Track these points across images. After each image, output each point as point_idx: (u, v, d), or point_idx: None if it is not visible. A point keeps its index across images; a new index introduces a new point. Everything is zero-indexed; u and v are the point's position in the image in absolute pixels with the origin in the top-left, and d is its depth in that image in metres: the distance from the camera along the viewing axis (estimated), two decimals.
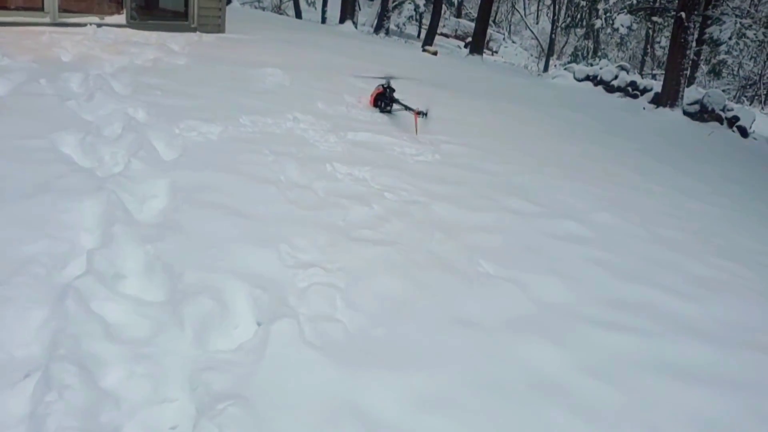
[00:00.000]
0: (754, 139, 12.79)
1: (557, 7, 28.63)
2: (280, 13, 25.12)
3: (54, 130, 3.80)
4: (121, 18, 8.53)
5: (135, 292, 2.51)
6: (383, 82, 6.64)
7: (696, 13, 12.92)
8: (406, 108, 6.31)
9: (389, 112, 6.53)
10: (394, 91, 6.57)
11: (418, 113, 6.10)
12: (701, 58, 20.54)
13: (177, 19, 9.38)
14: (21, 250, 2.54)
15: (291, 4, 26.05)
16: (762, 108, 25.25)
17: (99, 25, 7.90)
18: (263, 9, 25.18)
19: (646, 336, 3.00)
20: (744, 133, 12.67)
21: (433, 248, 3.53)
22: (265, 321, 2.48)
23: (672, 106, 12.70)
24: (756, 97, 28.65)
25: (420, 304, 2.91)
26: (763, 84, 28.54)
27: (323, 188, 4.07)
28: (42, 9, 7.59)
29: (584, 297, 3.31)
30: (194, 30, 9.17)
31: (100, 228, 2.85)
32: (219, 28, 9.58)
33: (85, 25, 7.75)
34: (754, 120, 13.14)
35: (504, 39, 35.61)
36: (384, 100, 6.56)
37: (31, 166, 3.31)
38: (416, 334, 2.65)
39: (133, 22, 8.53)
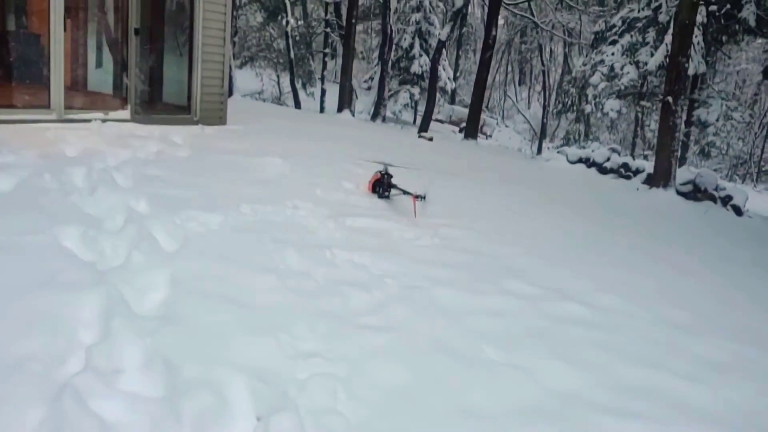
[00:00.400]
0: (749, 217, 12.91)
1: (547, 93, 29.65)
2: (280, 104, 25.91)
3: (56, 224, 3.83)
4: (125, 113, 8.77)
5: (133, 387, 2.45)
6: (381, 168, 6.77)
7: (683, 96, 13.35)
8: (405, 192, 6.40)
9: (387, 197, 6.62)
10: (392, 176, 6.69)
11: (417, 197, 6.18)
12: (691, 138, 21.05)
13: (180, 112, 9.66)
14: (19, 347, 2.50)
15: (290, 95, 26.92)
16: (754, 186, 25.63)
17: (104, 120, 8.11)
18: (264, 100, 26.02)
19: (657, 423, 2.91)
20: (738, 211, 12.81)
21: (436, 334, 3.49)
22: (264, 415, 2.41)
23: (665, 186, 12.90)
24: (748, 175, 29.15)
25: (424, 393, 2.84)
26: (754, 162, 29.11)
27: (323, 275, 4.06)
28: (48, 106, 7.82)
29: (592, 383, 3.24)
30: (197, 123, 9.42)
31: (99, 322, 2.82)
32: (221, 120, 9.85)
33: (90, 120, 7.96)
34: (747, 198, 13.32)
35: (497, 123, 36.62)
36: (382, 185, 6.66)
37: (32, 261, 3.31)
38: (421, 425, 2.58)
39: (137, 117, 8.76)
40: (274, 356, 2.88)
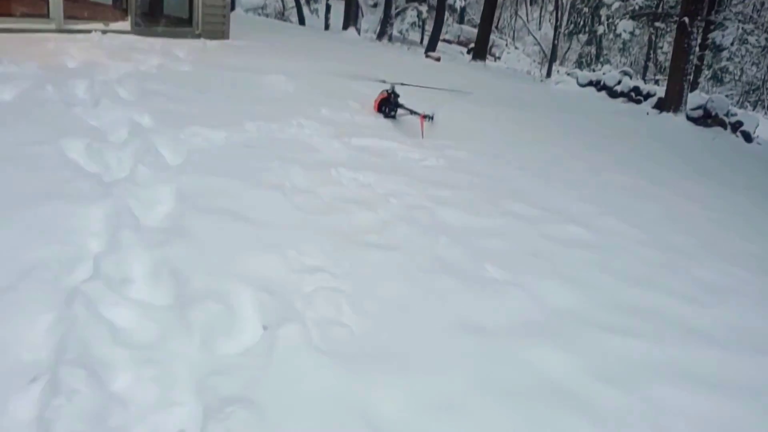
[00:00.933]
0: (758, 144, 12.78)
1: (560, 13, 28.72)
2: (284, 20, 25.20)
3: (61, 136, 3.81)
4: (125, 25, 8.56)
5: (142, 296, 2.51)
6: (387, 87, 6.65)
7: (699, 18, 12.92)
8: (412, 112, 6.31)
9: (393, 117, 6.53)
10: (398, 96, 6.58)
11: (425, 117, 6.10)
12: (704, 63, 20.55)
13: (181, 25, 9.41)
14: (29, 254, 2.55)
15: (294, 11, 26.14)
16: (765, 113, 25.24)
17: (104, 32, 7.93)
18: (267, 16, 25.29)
19: (654, 341, 2.99)
20: (748, 138, 12.66)
21: (439, 253, 3.53)
22: (271, 325, 2.47)
23: (675, 111, 12.70)
24: (759, 102, 28.63)
25: (426, 308, 2.90)
26: (766, 89, 28.52)
27: (328, 193, 4.07)
28: (47, 16, 7.63)
29: (591, 302, 3.30)
30: (198, 36, 9.20)
31: (107, 233, 2.86)
32: (223, 34, 9.61)
33: (90, 31, 7.78)
34: (758, 125, 13.14)
35: (507, 45, 35.70)
36: (388, 105, 6.56)
37: (39, 171, 3.32)
38: (423, 339, 2.65)
39: (137, 29, 8.56)
40: (280, 270, 2.92)
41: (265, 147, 4.70)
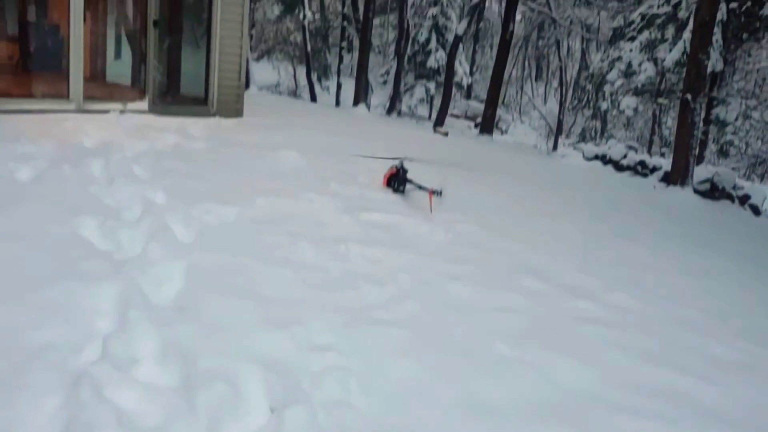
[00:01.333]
0: (767, 217, 12.74)
1: (564, 89, 29.45)
2: (296, 97, 25.93)
3: (75, 215, 3.88)
4: (143, 104, 8.85)
5: (149, 377, 2.49)
6: (396, 163, 6.77)
7: (702, 94, 13.18)
8: (420, 188, 6.39)
9: (402, 192, 6.62)
10: (407, 171, 6.68)
11: (433, 192, 6.18)
12: (709, 137, 20.79)
13: (197, 104, 9.71)
14: (37, 336, 2.55)
15: (306, 88, 26.95)
16: None
17: (122, 112, 8.19)
18: (280, 93, 26.06)
19: (669, 422, 2.91)
20: (756, 211, 12.64)
21: (449, 330, 3.51)
22: (278, 407, 2.44)
23: (682, 184, 12.75)
24: (766, 175, 28.72)
25: (436, 388, 2.85)
26: None
27: (338, 269, 4.08)
28: (67, 97, 7.91)
29: (604, 381, 3.24)
30: (214, 115, 9.46)
31: (116, 312, 2.86)
32: (237, 113, 9.88)
33: (108, 111, 8.04)
34: (766, 198, 13.14)
35: (513, 119, 36.42)
36: (397, 180, 6.66)
37: (51, 251, 3.36)
38: (433, 420, 2.59)
39: (155, 108, 8.83)
40: (288, 349, 2.90)
41: (276, 223, 4.75)
